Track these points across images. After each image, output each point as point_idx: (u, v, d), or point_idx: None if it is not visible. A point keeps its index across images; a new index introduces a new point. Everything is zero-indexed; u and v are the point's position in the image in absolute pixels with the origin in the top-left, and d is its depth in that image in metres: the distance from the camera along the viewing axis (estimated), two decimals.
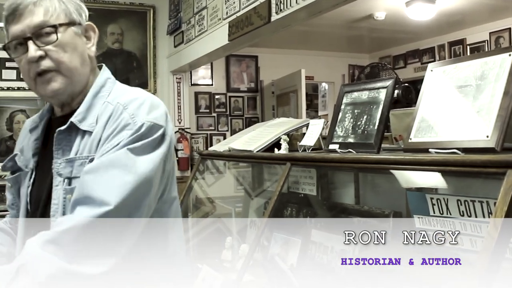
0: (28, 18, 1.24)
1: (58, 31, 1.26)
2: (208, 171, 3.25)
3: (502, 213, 1.03)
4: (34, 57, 1.24)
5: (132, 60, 5.31)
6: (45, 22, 1.25)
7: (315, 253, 2.29)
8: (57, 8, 1.28)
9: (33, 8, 1.25)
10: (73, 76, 1.29)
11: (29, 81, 1.30)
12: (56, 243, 1.06)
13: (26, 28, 1.24)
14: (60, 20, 1.28)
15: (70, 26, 1.30)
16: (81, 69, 1.32)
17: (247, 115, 6.91)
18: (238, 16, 3.77)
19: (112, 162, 1.15)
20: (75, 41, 1.31)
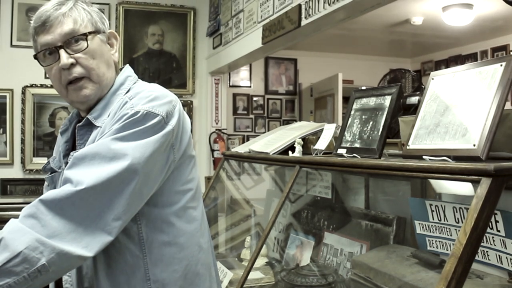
0: (58, 28, 1.33)
1: (87, 39, 1.35)
2: (233, 171, 3.32)
3: (472, 220, 1.05)
4: (66, 64, 1.32)
5: (172, 61, 5.43)
6: (75, 31, 1.34)
7: (326, 254, 2.32)
8: (84, 18, 1.36)
9: (62, 19, 1.34)
10: (101, 82, 1.38)
11: (60, 88, 1.39)
12: (34, 217, 1.12)
13: (58, 37, 1.33)
14: (88, 28, 1.36)
15: (96, 34, 1.39)
16: (107, 74, 1.40)
17: (284, 117, 6.94)
18: (271, 20, 3.83)
19: (97, 151, 1.20)
20: (102, 48, 1.40)
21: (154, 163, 1.25)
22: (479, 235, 1.06)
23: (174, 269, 1.35)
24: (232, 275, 2.38)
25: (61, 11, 1.34)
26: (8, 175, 4.98)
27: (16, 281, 1.07)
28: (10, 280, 1.06)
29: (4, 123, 4.97)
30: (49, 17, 1.33)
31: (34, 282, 1.09)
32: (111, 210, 1.17)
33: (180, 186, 1.37)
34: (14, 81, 4.96)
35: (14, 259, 1.06)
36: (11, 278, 1.06)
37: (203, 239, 1.45)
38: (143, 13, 5.25)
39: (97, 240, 1.16)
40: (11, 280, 1.06)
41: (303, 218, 2.67)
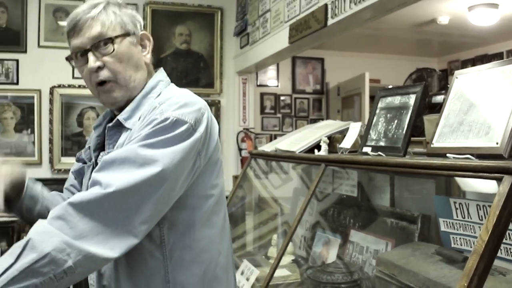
0: (87, 31, 1.37)
1: (114, 43, 1.38)
2: (261, 169, 3.35)
3: (494, 217, 1.06)
4: (93, 68, 1.37)
5: (199, 60, 5.47)
6: (102, 35, 1.37)
7: (352, 252, 2.34)
8: (113, 21, 1.40)
9: (91, 22, 1.37)
10: (128, 84, 1.41)
11: (92, 89, 1.44)
12: (62, 219, 1.15)
13: (86, 40, 1.37)
14: (116, 32, 1.40)
15: (125, 37, 1.42)
16: (136, 76, 1.43)
17: (312, 116, 6.94)
18: (298, 20, 3.85)
19: (127, 156, 1.22)
20: (131, 50, 1.43)
21: (181, 170, 1.27)
22: (501, 232, 1.07)
23: (193, 272, 1.37)
24: (258, 272, 2.40)
25: (90, 15, 1.37)
26: (37, 175, 5.03)
27: (42, 282, 1.09)
28: (36, 281, 1.08)
29: (32, 124, 5.05)
30: (79, 21, 1.37)
31: (60, 282, 1.12)
32: (139, 214, 1.20)
33: (204, 192, 1.39)
34: (42, 82, 5.04)
35: (41, 260, 1.09)
36: (37, 278, 1.09)
37: (223, 244, 1.47)
38: (171, 13, 5.31)
39: (123, 243, 1.19)
40: (38, 280, 1.09)
41: (329, 216, 2.69)
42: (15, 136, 5.02)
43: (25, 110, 5.03)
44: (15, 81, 5.02)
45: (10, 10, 4.99)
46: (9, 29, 5.00)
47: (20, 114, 5.02)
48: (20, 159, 4.99)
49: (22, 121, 5.02)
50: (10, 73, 5.00)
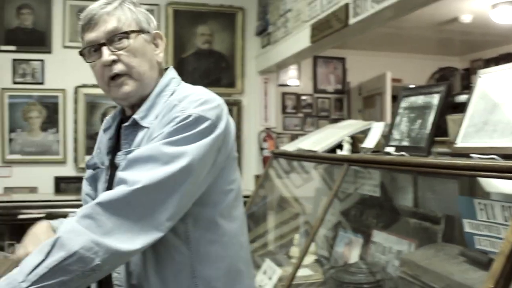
0: (103, 26, 1.38)
1: (129, 37, 1.38)
2: (282, 169, 3.35)
3: None
4: (108, 61, 1.37)
5: (221, 60, 5.49)
6: (117, 29, 1.38)
7: (374, 252, 2.33)
8: (128, 17, 1.40)
9: (107, 17, 1.38)
10: (142, 80, 1.41)
11: (103, 85, 1.43)
12: (90, 217, 1.17)
13: (101, 34, 1.37)
14: (132, 27, 1.40)
15: (140, 34, 1.42)
16: (149, 73, 1.43)
17: (333, 116, 6.92)
18: (319, 19, 3.84)
19: (151, 154, 1.25)
20: (145, 47, 1.43)
21: (204, 166, 1.30)
22: None
23: (218, 266, 1.39)
24: (281, 272, 2.41)
25: (106, 10, 1.38)
26: (61, 173, 5.15)
27: (70, 279, 1.12)
28: (65, 278, 1.11)
29: (57, 123, 5.14)
30: (94, 15, 1.38)
31: (87, 279, 1.15)
32: (165, 210, 1.23)
33: (225, 187, 1.41)
34: (66, 82, 5.12)
35: (69, 258, 1.11)
36: (66, 276, 1.11)
37: (244, 237, 1.50)
38: (192, 13, 5.34)
39: (149, 238, 1.21)
40: (66, 277, 1.11)
41: (351, 216, 2.68)
42: (40, 135, 5.12)
43: (50, 110, 5.12)
44: (41, 81, 5.11)
45: (36, 12, 5.08)
46: (35, 30, 5.09)
47: (45, 113, 5.11)
48: (46, 157, 5.09)
49: (47, 120, 5.12)
50: (36, 73, 5.09)
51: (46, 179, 5.11)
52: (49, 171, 5.12)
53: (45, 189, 5.10)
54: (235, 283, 1.44)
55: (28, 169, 5.09)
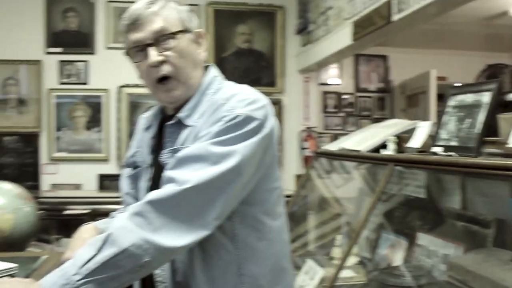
0: (149, 26, 1.36)
1: (176, 38, 1.38)
2: (323, 169, 3.31)
3: None
4: (155, 62, 1.36)
5: (261, 59, 5.49)
6: (164, 29, 1.37)
7: (419, 255, 2.27)
8: (174, 17, 1.40)
9: (153, 17, 1.37)
10: (188, 81, 1.41)
11: (149, 86, 1.42)
12: (141, 215, 1.19)
13: (148, 34, 1.36)
14: (177, 27, 1.39)
15: (185, 33, 1.41)
16: (194, 73, 1.43)
17: (375, 115, 6.81)
18: (361, 17, 3.78)
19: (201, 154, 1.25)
20: (190, 47, 1.42)
21: (252, 165, 1.30)
22: None
23: (264, 264, 1.40)
24: (322, 272, 2.38)
25: (152, 10, 1.37)
26: (105, 171, 5.26)
27: (120, 274, 1.15)
28: (115, 273, 1.14)
29: (101, 122, 5.25)
30: (140, 15, 1.37)
31: (136, 275, 1.19)
32: (213, 209, 1.24)
33: (269, 185, 1.42)
34: (109, 82, 5.23)
35: (120, 254, 1.14)
36: (116, 271, 1.14)
37: (286, 234, 1.51)
38: (232, 13, 5.35)
39: (196, 236, 1.23)
40: (116, 272, 1.14)
41: (395, 218, 2.63)
42: (85, 134, 5.23)
43: (94, 109, 5.23)
44: (85, 81, 5.23)
45: (81, 15, 5.20)
46: (79, 32, 5.21)
47: (90, 113, 5.23)
48: (90, 155, 5.19)
49: (91, 119, 5.23)
50: (80, 73, 5.21)
51: (90, 176, 5.22)
52: (93, 168, 5.23)
53: (89, 186, 5.21)
54: (279, 280, 1.45)
55: (73, 167, 5.21)
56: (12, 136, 5.15)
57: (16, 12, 5.14)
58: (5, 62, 5.11)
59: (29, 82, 5.16)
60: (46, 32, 5.18)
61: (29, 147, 5.19)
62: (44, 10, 5.17)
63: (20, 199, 1.83)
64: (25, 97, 5.17)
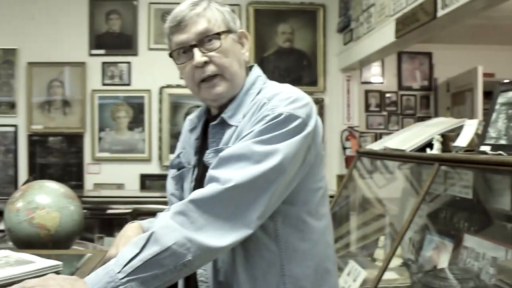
0: (193, 27, 1.38)
1: (220, 38, 1.39)
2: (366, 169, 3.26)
3: None
4: (200, 63, 1.37)
5: (302, 58, 5.45)
6: (208, 30, 1.38)
7: (466, 258, 2.20)
8: (217, 18, 1.41)
9: (197, 19, 1.38)
10: (234, 80, 1.42)
11: (193, 86, 1.44)
12: (184, 214, 1.19)
13: (192, 36, 1.38)
14: (221, 28, 1.40)
15: (229, 34, 1.42)
16: (239, 73, 1.44)
17: (419, 114, 6.67)
18: (405, 13, 3.70)
19: (243, 153, 1.25)
20: (234, 47, 1.44)
21: (295, 164, 1.29)
22: None
23: (307, 265, 1.39)
24: (365, 274, 2.34)
25: (196, 11, 1.38)
26: (147, 170, 5.32)
27: (163, 272, 1.15)
28: (158, 271, 1.14)
29: (143, 122, 5.30)
30: (184, 17, 1.38)
31: (179, 273, 1.18)
32: (256, 208, 1.23)
33: (313, 185, 1.40)
34: (151, 82, 5.28)
35: (163, 253, 1.14)
36: (159, 269, 1.14)
37: (330, 235, 1.49)
38: (273, 12, 5.33)
39: (239, 235, 1.22)
40: (159, 271, 1.14)
41: (440, 219, 2.55)
42: (127, 134, 5.30)
43: (136, 109, 5.30)
44: (128, 82, 5.31)
45: (123, 17, 5.28)
46: (122, 34, 5.30)
47: (132, 113, 5.30)
48: (132, 155, 5.27)
49: (133, 119, 5.30)
50: (123, 74, 5.29)
51: (132, 176, 5.29)
52: (135, 168, 5.30)
53: (131, 185, 5.29)
54: (323, 282, 1.43)
55: (116, 167, 5.30)
56: (57, 137, 5.27)
57: (61, 15, 5.25)
58: (50, 64, 5.22)
59: (74, 83, 5.27)
60: (90, 35, 5.28)
61: (73, 147, 5.29)
62: (88, 13, 5.27)
63: (66, 198, 1.86)
64: (69, 98, 5.28)
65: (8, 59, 5.22)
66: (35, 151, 5.27)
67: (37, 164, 5.27)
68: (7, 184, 5.18)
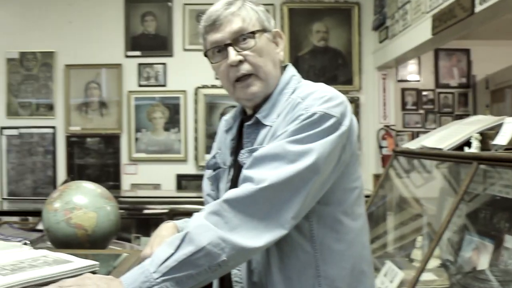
0: (228, 26, 1.39)
1: (254, 37, 1.40)
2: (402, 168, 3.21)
3: None
4: (235, 61, 1.38)
5: (337, 57, 5.41)
6: (243, 29, 1.39)
7: (507, 259, 2.15)
8: (252, 17, 1.42)
9: (231, 18, 1.40)
10: (268, 79, 1.42)
11: (228, 85, 1.45)
12: (218, 214, 1.20)
13: (227, 35, 1.39)
14: (256, 27, 1.41)
15: (263, 33, 1.43)
16: (273, 72, 1.44)
17: (457, 112, 6.55)
18: (441, 9, 3.64)
19: (277, 153, 1.25)
20: (268, 46, 1.44)
21: (329, 163, 1.28)
22: None
23: (342, 266, 1.37)
24: (402, 275, 2.30)
25: (231, 10, 1.39)
26: (183, 171, 5.36)
27: (198, 272, 1.15)
28: (193, 271, 1.15)
29: (179, 123, 5.35)
30: (219, 16, 1.39)
31: (213, 274, 1.18)
32: (290, 208, 1.23)
33: (349, 184, 1.39)
34: (187, 83, 5.33)
35: (197, 253, 1.15)
36: (194, 269, 1.15)
37: (366, 236, 1.47)
38: (307, 11, 5.31)
39: (273, 235, 1.22)
40: (194, 271, 1.15)
41: (480, 219, 2.49)
42: (163, 135, 5.36)
43: (172, 110, 5.35)
44: (163, 83, 5.36)
45: (159, 18, 5.35)
46: (157, 35, 5.36)
47: (168, 114, 5.36)
48: (168, 155, 5.32)
49: (169, 120, 5.36)
50: (159, 76, 5.35)
51: (169, 176, 5.35)
52: (171, 169, 5.35)
53: (167, 186, 5.34)
54: (358, 284, 1.41)
55: (152, 167, 5.36)
56: (94, 138, 5.37)
57: (97, 18, 5.35)
58: (87, 66, 5.32)
59: (110, 85, 5.36)
60: (126, 36, 5.36)
61: (110, 148, 5.38)
62: (124, 15, 5.35)
63: (102, 198, 1.88)
64: (106, 99, 5.37)
65: (46, 62, 5.35)
66: (73, 152, 5.38)
67: (75, 165, 5.38)
68: (46, 184, 5.30)
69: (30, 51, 5.35)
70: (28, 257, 1.41)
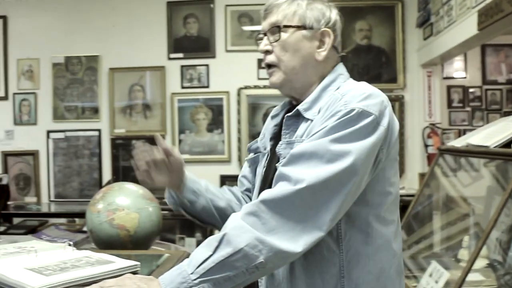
0: (269, 17, 1.48)
1: (281, 31, 1.44)
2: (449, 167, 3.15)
3: None
4: (261, 50, 1.48)
5: (380, 55, 5.34)
6: (277, 22, 1.45)
7: None
8: (293, 12, 1.45)
9: (274, 9, 1.47)
10: (289, 74, 1.46)
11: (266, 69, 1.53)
12: (255, 215, 1.19)
13: (266, 24, 1.48)
14: (290, 22, 1.44)
15: (299, 30, 1.44)
16: (300, 69, 1.46)
17: (505, 109, 6.38)
18: (487, 4, 3.54)
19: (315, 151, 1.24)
20: (301, 43, 1.45)
21: (367, 165, 1.27)
22: None
23: (368, 270, 1.35)
24: (448, 275, 2.26)
25: (277, 2, 1.47)
26: (226, 171, 5.37)
27: (236, 274, 1.15)
28: (230, 273, 1.15)
29: (222, 123, 5.37)
30: (269, 6, 1.49)
31: (251, 276, 1.18)
32: (328, 210, 1.21)
33: (383, 188, 1.37)
34: (229, 84, 5.33)
35: (235, 254, 1.15)
36: (231, 271, 1.15)
37: (397, 244, 1.43)
38: (350, 9, 5.26)
39: (311, 238, 1.20)
40: (232, 273, 1.15)
41: None
42: (207, 136, 5.40)
43: (215, 111, 5.38)
44: (206, 84, 5.39)
45: (201, 20, 5.39)
46: (200, 37, 5.40)
47: (211, 115, 5.39)
48: (212, 156, 5.36)
49: (212, 121, 5.38)
50: (201, 77, 5.40)
51: (212, 177, 5.37)
52: (215, 169, 5.38)
53: None
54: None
55: (196, 168, 5.39)
56: (139, 140, 5.44)
57: (140, 22, 5.42)
58: (131, 69, 5.41)
59: (154, 87, 5.43)
60: (168, 39, 5.42)
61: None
62: (166, 18, 5.42)
63: (144, 199, 1.90)
64: (150, 102, 5.44)
65: (91, 65, 5.47)
66: (118, 154, 5.47)
67: (120, 167, 5.46)
68: (92, 186, 5.41)
69: (75, 55, 5.47)
70: (71, 258, 1.44)
